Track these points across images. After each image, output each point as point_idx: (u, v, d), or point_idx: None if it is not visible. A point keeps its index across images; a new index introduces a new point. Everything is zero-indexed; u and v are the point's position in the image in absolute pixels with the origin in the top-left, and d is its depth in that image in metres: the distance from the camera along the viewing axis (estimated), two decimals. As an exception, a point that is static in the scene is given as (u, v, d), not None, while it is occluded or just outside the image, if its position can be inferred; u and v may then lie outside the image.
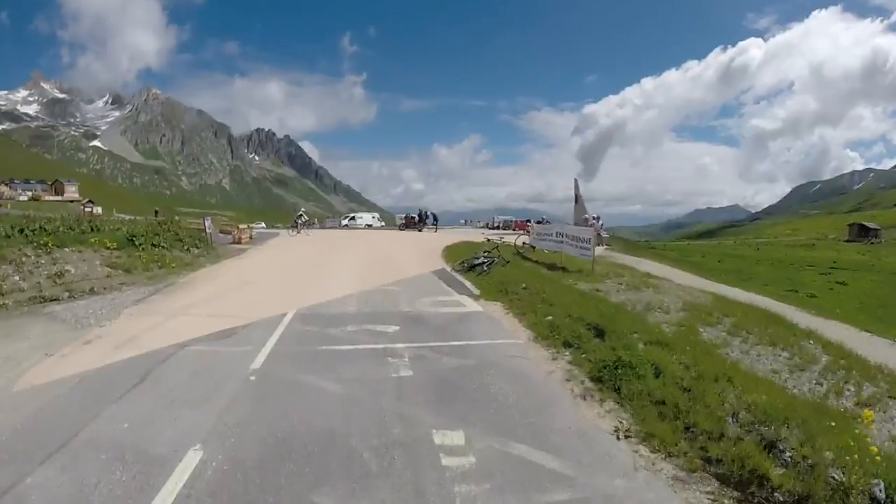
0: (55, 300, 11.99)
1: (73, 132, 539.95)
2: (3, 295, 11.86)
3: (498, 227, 60.18)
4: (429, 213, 50.86)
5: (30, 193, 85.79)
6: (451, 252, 21.81)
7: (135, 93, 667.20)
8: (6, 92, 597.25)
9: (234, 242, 29.73)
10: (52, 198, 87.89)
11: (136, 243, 16.52)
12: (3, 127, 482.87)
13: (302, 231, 39.99)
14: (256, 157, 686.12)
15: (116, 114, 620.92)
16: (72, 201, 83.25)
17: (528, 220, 59.42)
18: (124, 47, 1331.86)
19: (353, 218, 64.29)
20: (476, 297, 11.99)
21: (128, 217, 53.86)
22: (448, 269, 17.39)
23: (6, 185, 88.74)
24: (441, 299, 11.79)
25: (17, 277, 12.69)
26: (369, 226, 60.37)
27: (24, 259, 13.27)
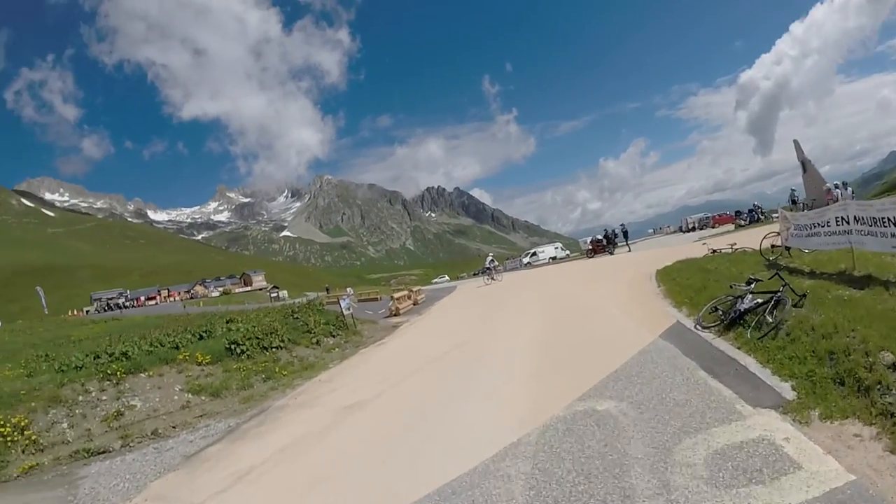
0: (103, 452, 9.11)
1: (263, 228, 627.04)
2: (42, 451, 9.14)
3: (693, 228, 55.76)
4: (616, 230, 43.70)
5: (221, 289, 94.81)
6: (670, 282, 14.70)
7: (309, 182, 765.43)
8: (199, 206, 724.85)
9: (391, 315, 26.46)
10: (241, 289, 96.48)
11: (238, 352, 13.09)
12: (203, 235, 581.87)
13: (496, 277, 37.10)
14: (432, 214, 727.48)
15: (297, 204, 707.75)
16: (260, 289, 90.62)
17: (739, 213, 49.74)
18: (290, 146, 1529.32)
19: (534, 254, 61.61)
20: (799, 415, 5.30)
21: (314, 295, 55.41)
22: (686, 321, 10.36)
23: (200, 285, 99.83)
24: (726, 442, 5.03)
25: (65, 424, 9.71)
26: (553, 258, 56.88)
27: (79, 398, 10.34)
